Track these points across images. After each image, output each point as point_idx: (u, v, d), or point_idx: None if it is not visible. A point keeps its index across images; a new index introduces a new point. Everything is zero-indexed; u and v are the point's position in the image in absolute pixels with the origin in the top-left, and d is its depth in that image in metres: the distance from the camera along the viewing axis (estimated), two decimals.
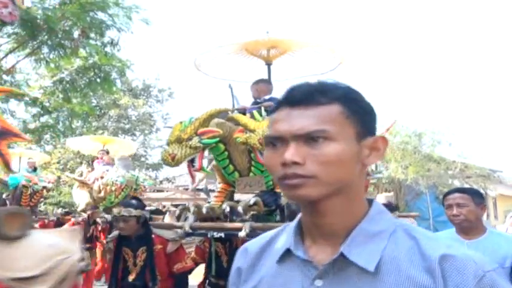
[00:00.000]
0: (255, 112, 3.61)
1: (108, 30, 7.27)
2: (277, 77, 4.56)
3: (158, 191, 16.75)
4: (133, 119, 20.09)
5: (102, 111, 18.76)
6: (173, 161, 3.05)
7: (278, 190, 3.38)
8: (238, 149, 3.43)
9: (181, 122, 3.27)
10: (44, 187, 8.90)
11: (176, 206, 11.13)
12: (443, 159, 16.12)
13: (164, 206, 12.74)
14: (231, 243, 3.66)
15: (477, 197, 2.50)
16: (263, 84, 4.14)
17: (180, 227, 3.54)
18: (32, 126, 10.02)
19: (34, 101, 9.23)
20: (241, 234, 3.11)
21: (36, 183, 8.63)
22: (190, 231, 3.47)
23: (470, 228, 2.48)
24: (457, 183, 15.87)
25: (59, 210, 10.60)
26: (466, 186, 16.28)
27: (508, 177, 21.77)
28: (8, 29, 7.09)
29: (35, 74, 10.79)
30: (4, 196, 8.73)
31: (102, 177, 7.67)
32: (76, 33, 7.12)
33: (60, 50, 7.35)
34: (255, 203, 3.26)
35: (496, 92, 57.41)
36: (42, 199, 10.06)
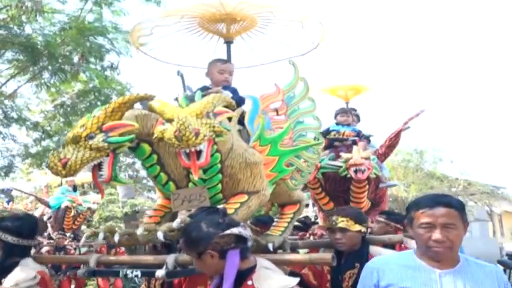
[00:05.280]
0: (179, 95, 2.62)
1: (107, 55, 7.39)
2: (239, 60, 3.52)
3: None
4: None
5: None
6: (64, 169, 2.07)
7: (223, 206, 2.40)
8: (170, 151, 2.38)
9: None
10: (89, 208, 8.21)
11: None
12: (445, 177, 16.16)
13: None
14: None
15: (464, 213, 1.82)
16: (228, 66, 3.04)
17: (85, 261, 2.58)
18: (33, 150, 10.04)
19: (35, 125, 9.29)
20: (159, 273, 2.15)
21: (80, 204, 7.90)
22: (96, 268, 2.48)
23: (450, 257, 1.79)
24: None
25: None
26: (470, 202, 16.24)
27: None
28: (9, 55, 7.24)
29: (36, 98, 10.93)
30: (45, 219, 7.98)
31: None
32: (76, 58, 7.24)
33: (61, 74, 7.46)
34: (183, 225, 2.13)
35: (497, 107, 57.52)
36: (85, 221, 9.01)
